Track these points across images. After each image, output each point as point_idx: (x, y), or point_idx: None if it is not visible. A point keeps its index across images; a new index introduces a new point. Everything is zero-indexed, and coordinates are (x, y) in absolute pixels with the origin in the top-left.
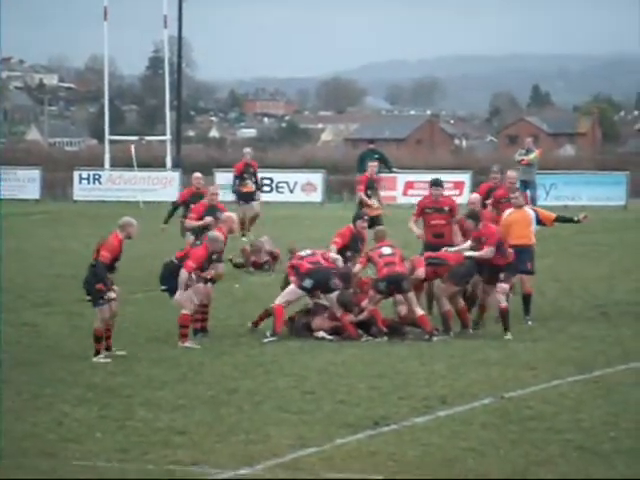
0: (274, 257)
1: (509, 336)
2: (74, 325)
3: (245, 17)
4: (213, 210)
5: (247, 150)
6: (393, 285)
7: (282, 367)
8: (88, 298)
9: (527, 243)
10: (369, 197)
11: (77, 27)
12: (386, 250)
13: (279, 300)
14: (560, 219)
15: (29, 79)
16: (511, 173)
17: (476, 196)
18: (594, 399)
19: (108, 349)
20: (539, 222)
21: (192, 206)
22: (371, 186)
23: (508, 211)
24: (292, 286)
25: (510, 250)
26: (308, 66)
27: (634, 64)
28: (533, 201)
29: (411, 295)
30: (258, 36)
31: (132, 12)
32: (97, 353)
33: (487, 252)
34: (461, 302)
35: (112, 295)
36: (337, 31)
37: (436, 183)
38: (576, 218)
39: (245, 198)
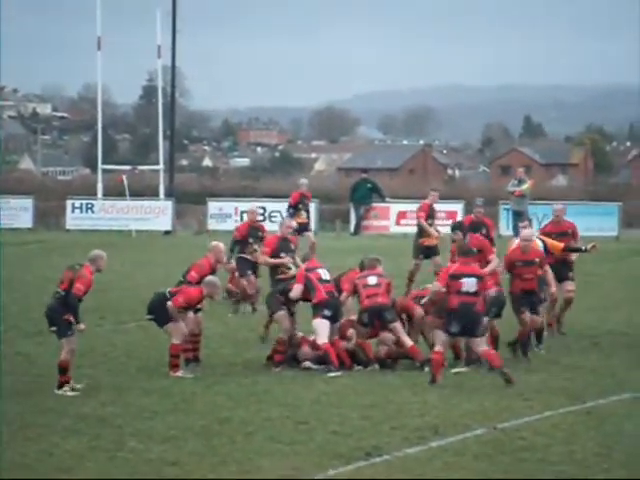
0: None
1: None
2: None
3: (238, 47)
4: (286, 244)
5: (303, 181)
6: (375, 317)
7: (275, 397)
8: (53, 329)
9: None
10: (430, 225)
11: (71, 56)
12: (371, 280)
13: (321, 340)
14: (569, 249)
15: (22, 108)
16: (557, 206)
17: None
18: (587, 430)
19: (64, 384)
20: (547, 252)
21: (265, 240)
22: (431, 215)
23: (516, 241)
24: (318, 320)
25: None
26: (301, 95)
27: (627, 95)
28: None
29: (396, 325)
30: (251, 65)
31: (126, 42)
32: (61, 385)
33: (493, 264)
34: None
35: (82, 327)
36: (330, 60)
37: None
38: (584, 248)
39: (299, 229)
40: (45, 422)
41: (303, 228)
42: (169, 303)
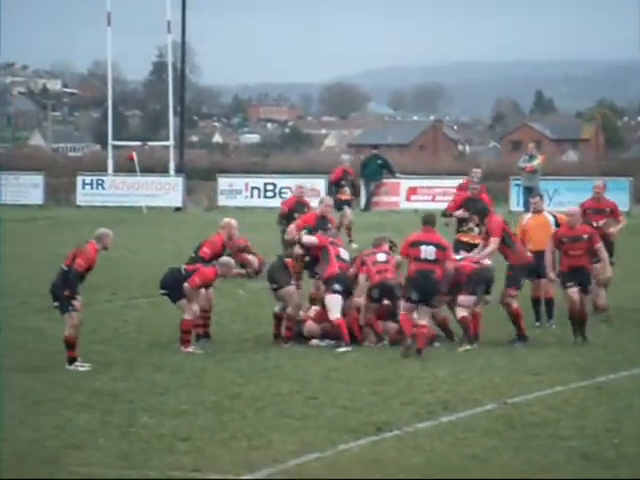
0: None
1: (467, 347)
2: None
3: (248, 22)
4: (324, 222)
5: (346, 157)
6: (385, 292)
7: (285, 372)
8: (55, 304)
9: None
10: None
11: (80, 32)
12: (380, 257)
13: (333, 315)
14: None
15: (32, 84)
16: (597, 182)
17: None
18: (597, 405)
19: (74, 359)
20: (558, 227)
21: (302, 215)
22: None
23: (527, 216)
24: (330, 296)
25: (524, 251)
26: (311, 71)
27: (638, 70)
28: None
29: (402, 303)
30: (261, 41)
31: (135, 17)
32: (72, 361)
33: (493, 245)
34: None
35: (77, 303)
36: (340, 36)
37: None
38: (595, 224)
39: (341, 205)
40: (57, 397)
41: (345, 204)
42: (185, 284)
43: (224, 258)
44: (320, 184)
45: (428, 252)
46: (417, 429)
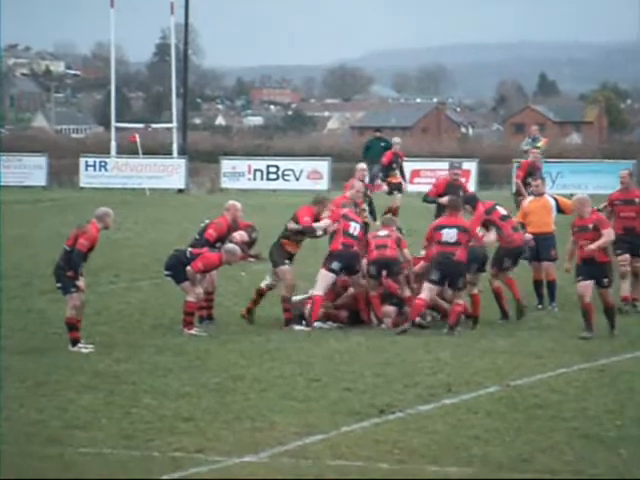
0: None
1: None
2: None
3: (251, 4)
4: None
5: (396, 140)
6: (383, 268)
7: (288, 354)
8: (59, 285)
9: (548, 231)
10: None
11: (84, 14)
12: (382, 232)
13: (318, 290)
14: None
15: (35, 66)
16: (622, 172)
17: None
18: (600, 387)
19: (77, 341)
20: (559, 210)
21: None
22: (532, 173)
23: (529, 199)
24: (322, 271)
25: (512, 234)
26: (314, 54)
27: None
28: None
29: (400, 279)
30: (264, 23)
31: None
32: (75, 342)
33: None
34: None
35: (80, 283)
36: (343, 19)
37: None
38: (597, 207)
39: (392, 189)
40: (60, 379)
41: (395, 188)
42: (189, 268)
43: (230, 245)
44: (323, 166)
45: (449, 235)
46: (419, 411)
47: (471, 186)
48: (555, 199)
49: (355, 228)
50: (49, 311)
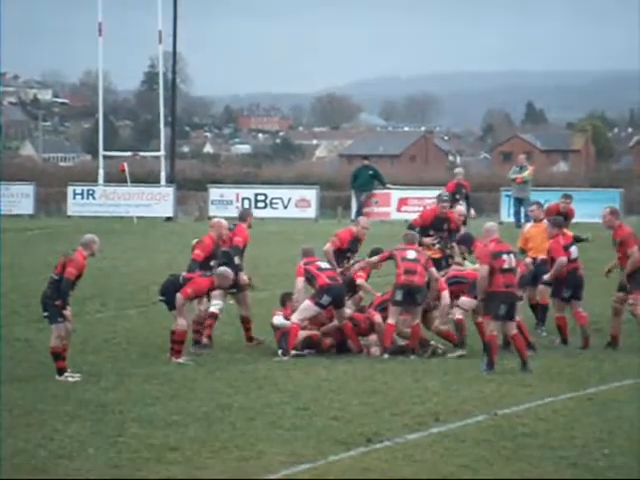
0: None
1: (460, 352)
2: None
3: (239, 33)
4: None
5: (459, 170)
6: (408, 296)
7: (276, 383)
8: (45, 314)
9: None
10: None
11: (71, 42)
12: (411, 254)
13: (295, 318)
14: (575, 237)
15: (23, 94)
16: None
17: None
18: (588, 416)
19: (60, 372)
20: None
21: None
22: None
23: (528, 225)
24: (308, 303)
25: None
26: (302, 82)
27: (628, 81)
28: (527, 218)
29: (419, 309)
30: (252, 52)
31: (127, 28)
32: (62, 372)
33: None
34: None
35: (67, 312)
36: (331, 47)
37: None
38: (585, 237)
39: None
40: (46, 408)
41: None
42: (178, 295)
43: (221, 268)
44: (311, 195)
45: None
46: (407, 440)
47: None
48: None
49: (324, 264)
50: (36, 340)
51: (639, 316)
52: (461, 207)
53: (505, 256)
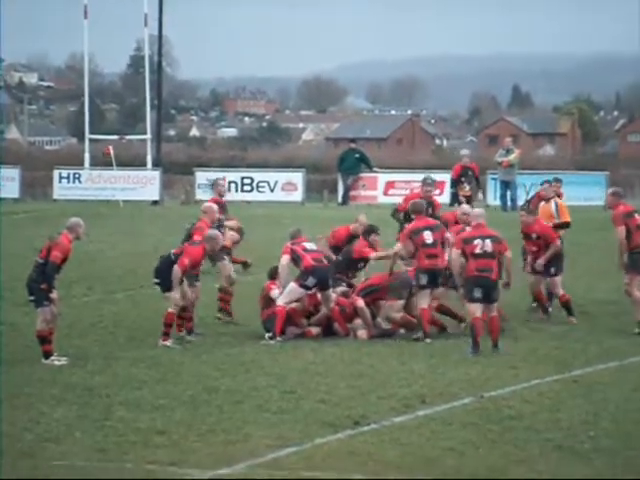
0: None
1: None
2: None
3: (225, 16)
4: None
5: (465, 152)
6: (432, 280)
7: (262, 366)
8: (31, 298)
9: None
10: None
11: (57, 25)
12: (428, 238)
13: (281, 301)
14: (561, 224)
15: (8, 77)
16: None
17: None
18: (573, 398)
19: (47, 355)
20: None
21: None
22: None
23: (541, 204)
24: (293, 285)
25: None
26: (287, 65)
27: (614, 64)
28: (514, 201)
29: (440, 291)
30: (238, 35)
31: (112, 10)
32: (48, 355)
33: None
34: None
35: (54, 295)
36: (317, 30)
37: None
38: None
39: (460, 202)
40: (33, 391)
41: (466, 201)
42: (175, 267)
43: (210, 231)
44: (297, 178)
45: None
46: (394, 423)
47: (446, 197)
48: (557, 205)
49: (310, 245)
50: (21, 324)
51: (633, 296)
52: (466, 206)
53: (478, 241)
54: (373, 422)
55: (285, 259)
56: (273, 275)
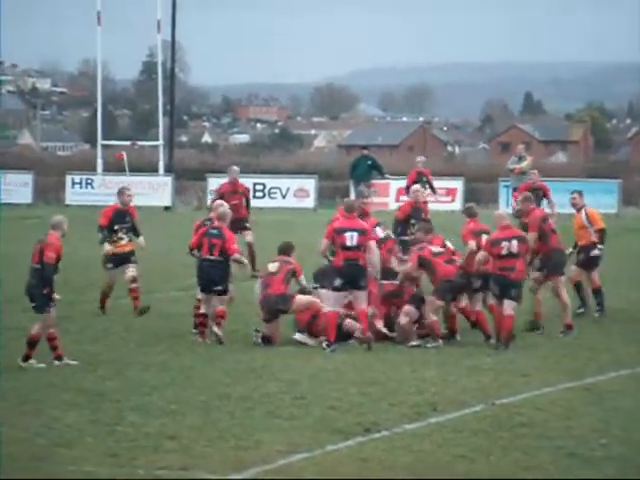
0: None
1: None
2: (63, 329)
3: (238, 22)
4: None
5: (420, 159)
6: (457, 289)
7: (273, 372)
8: (33, 305)
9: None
10: None
11: (70, 31)
12: (435, 247)
13: (330, 308)
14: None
15: (22, 83)
16: None
17: None
18: (585, 406)
19: (59, 358)
20: (590, 225)
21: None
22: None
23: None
24: (324, 290)
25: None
26: (300, 72)
27: (627, 72)
28: None
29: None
30: (251, 41)
31: (125, 16)
32: (27, 358)
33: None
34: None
35: (57, 297)
36: (329, 38)
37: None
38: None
39: None
40: (44, 397)
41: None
42: (236, 255)
43: (218, 210)
44: (310, 184)
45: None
46: (405, 430)
47: (457, 204)
48: (587, 214)
49: (352, 238)
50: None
51: (561, 297)
52: (417, 185)
53: (504, 243)
54: (384, 429)
55: (324, 243)
56: (286, 250)
